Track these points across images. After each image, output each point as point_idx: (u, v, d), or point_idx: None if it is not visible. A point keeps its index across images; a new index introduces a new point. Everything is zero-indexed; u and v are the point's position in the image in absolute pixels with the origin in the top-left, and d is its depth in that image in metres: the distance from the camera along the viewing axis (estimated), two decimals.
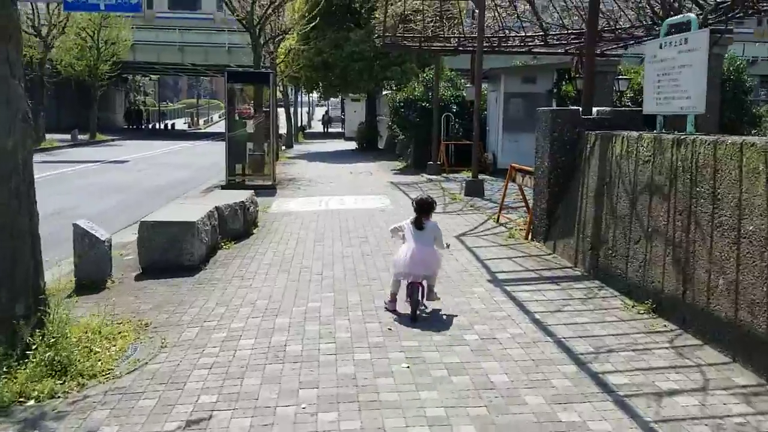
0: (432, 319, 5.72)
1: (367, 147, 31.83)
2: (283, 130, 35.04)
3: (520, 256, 8.05)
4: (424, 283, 5.80)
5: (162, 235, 7.62)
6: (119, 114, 58.39)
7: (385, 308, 5.96)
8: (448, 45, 18.65)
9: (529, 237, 9.02)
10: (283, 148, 33.32)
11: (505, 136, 19.07)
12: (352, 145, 34.17)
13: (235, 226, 9.39)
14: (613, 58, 18.95)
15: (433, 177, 18.18)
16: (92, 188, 17.00)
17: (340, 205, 13.12)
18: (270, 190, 15.84)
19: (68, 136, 36.13)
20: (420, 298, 5.73)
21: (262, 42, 21.49)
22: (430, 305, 5.96)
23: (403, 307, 5.83)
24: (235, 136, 16.36)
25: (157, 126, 59.20)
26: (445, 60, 22.41)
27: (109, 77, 40.45)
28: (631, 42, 16.97)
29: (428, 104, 20.34)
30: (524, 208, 10.55)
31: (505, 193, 10.48)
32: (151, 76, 68.46)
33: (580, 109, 8.38)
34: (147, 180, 19.16)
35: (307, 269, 7.56)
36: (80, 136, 37.45)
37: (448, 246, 6.53)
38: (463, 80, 22.39)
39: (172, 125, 61.54)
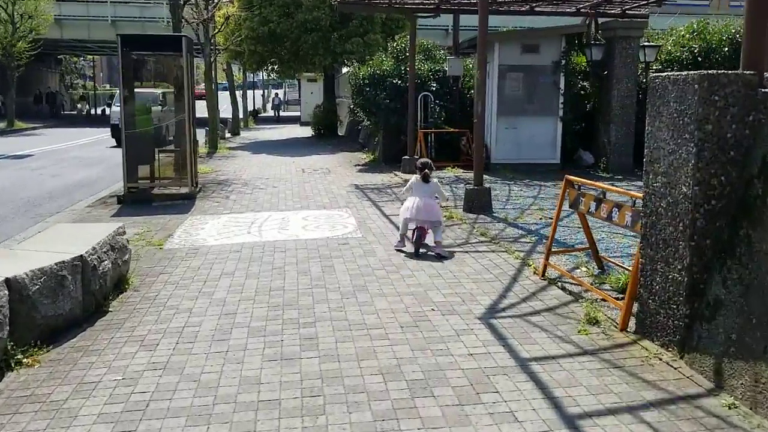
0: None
1: (325, 134, 27.21)
2: (226, 115, 30.28)
3: (650, 404, 3.64)
4: (427, 227, 7.11)
5: None
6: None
7: (395, 248, 7.29)
8: (427, 2, 14.18)
9: (627, 326, 4.67)
10: (228, 135, 28.73)
11: (501, 122, 14.76)
12: (309, 131, 29.51)
13: (61, 309, 4.85)
14: (639, 20, 14.72)
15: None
16: None
17: (281, 231, 8.64)
18: (186, 201, 11.29)
19: None
20: (422, 240, 7.06)
21: (182, 2, 16.69)
22: (435, 250, 7.02)
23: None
24: (136, 127, 11.71)
25: (93, 111, 53.27)
26: None
27: (30, 56, 35.01)
28: None
29: (401, 81, 15.87)
30: (584, 250, 6.22)
31: (556, 224, 6.06)
32: (87, 56, 62.49)
33: (755, 74, 4.02)
34: (35, 184, 14.36)
35: None
36: None
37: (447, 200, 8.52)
38: (442, 51, 17.94)
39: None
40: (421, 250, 7.03)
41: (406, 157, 14.62)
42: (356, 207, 10.43)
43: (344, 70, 26.86)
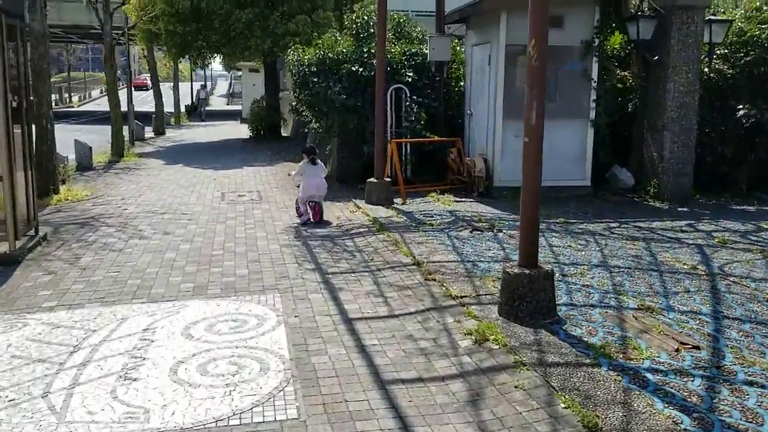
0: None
1: (266, 135, 22.27)
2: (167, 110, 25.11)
3: None
4: (321, 201, 8.68)
5: None
6: None
7: (300, 222, 8.61)
8: None
9: None
10: (151, 135, 23.76)
11: (508, 128, 10.27)
12: (247, 131, 24.45)
13: None
14: None
15: (381, 212, 9.05)
16: None
17: (119, 388, 3.85)
18: (1, 269, 6.45)
19: None
20: (320, 211, 8.64)
21: None
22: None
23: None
24: None
25: None
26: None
27: None
28: None
29: (363, 69, 11.15)
30: None
31: None
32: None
33: None
34: None
35: None
36: None
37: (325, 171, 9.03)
38: (421, 27, 13.27)
39: None
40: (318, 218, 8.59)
41: (372, 180, 9.85)
42: (292, 290, 5.72)
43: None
